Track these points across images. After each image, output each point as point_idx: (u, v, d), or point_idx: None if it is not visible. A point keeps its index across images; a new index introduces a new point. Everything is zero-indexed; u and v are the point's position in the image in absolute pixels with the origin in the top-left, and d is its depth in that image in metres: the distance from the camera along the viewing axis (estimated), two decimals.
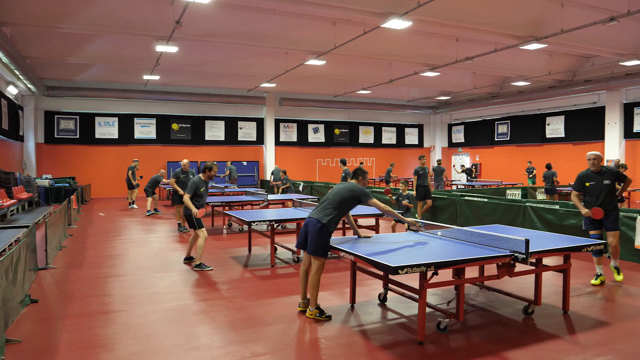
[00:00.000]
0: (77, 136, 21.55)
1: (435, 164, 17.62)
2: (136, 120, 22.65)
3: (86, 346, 4.42)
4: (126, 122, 22.44)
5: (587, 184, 6.58)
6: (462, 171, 23.77)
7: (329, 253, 5.09)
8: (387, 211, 5.38)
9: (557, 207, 9.47)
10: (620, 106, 19.25)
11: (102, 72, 19.15)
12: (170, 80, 20.56)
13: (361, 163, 26.36)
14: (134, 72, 19.03)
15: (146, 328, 4.87)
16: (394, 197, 10.46)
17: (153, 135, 23.00)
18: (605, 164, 16.74)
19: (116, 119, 22.26)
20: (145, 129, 22.86)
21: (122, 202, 19.11)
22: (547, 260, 5.73)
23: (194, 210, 7.39)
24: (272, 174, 19.08)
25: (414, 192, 12.02)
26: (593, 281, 6.58)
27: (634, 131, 19.07)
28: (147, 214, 14.58)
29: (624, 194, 13.13)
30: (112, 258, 8.34)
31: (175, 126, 23.42)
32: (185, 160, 11.37)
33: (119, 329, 4.84)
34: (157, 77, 19.19)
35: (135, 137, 22.63)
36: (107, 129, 22.13)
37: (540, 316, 5.22)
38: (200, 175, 7.61)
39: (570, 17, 12.17)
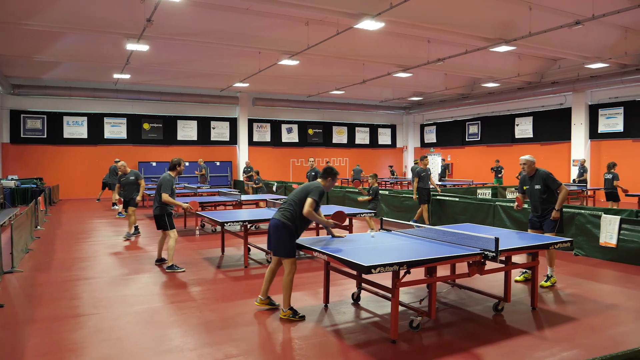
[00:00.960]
0: (45, 136, 20.98)
1: (413, 164, 17.86)
2: (106, 119, 22.19)
3: (55, 351, 4.31)
4: (96, 122, 21.97)
5: (524, 187, 6.68)
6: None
7: (302, 253, 5.10)
8: (314, 218, 5.10)
9: (525, 205, 9.69)
10: (586, 108, 19.84)
11: (71, 70, 18.69)
12: (142, 79, 20.23)
13: (327, 162, 26.43)
14: (104, 71, 18.63)
15: (117, 331, 4.79)
16: (367, 192, 10.41)
17: (124, 135, 22.59)
18: (578, 164, 17.31)
19: (85, 118, 21.76)
20: (115, 129, 22.43)
21: (92, 203, 18.71)
22: (516, 258, 5.87)
23: (184, 205, 7.38)
24: (244, 172, 18.98)
25: (414, 196, 11.52)
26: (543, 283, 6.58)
27: (599, 132, 19.70)
28: (119, 215, 14.29)
29: (620, 192, 13.24)
30: (82, 260, 8.16)
31: (146, 126, 23.05)
32: (121, 162, 10.80)
33: (89, 333, 4.74)
34: (127, 76, 18.85)
35: (105, 137, 22.17)
36: (76, 129, 21.62)
37: (509, 313, 5.34)
38: (169, 172, 7.47)
39: (538, 21, 12.49)
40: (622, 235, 7.85)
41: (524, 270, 6.72)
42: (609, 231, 7.97)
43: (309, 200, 5.04)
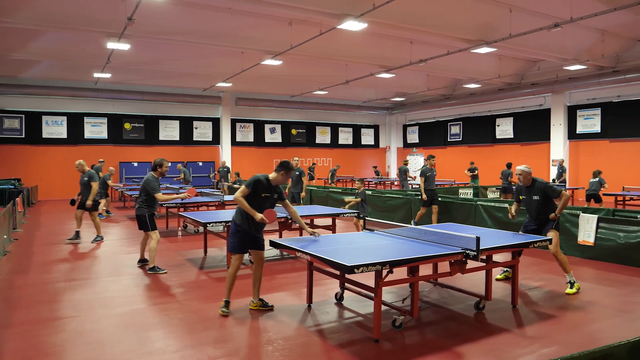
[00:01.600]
0: (23, 136, 20.58)
1: (403, 165, 17.99)
2: (86, 119, 21.87)
3: (33, 355, 4.24)
4: (76, 122, 21.63)
5: (520, 197, 6.46)
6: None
7: (285, 253, 5.11)
8: (240, 204, 5.20)
9: (506, 205, 9.84)
10: (565, 108, 20.20)
11: (50, 69, 18.37)
12: (123, 79, 19.98)
13: (313, 164, 26.44)
14: (84, 70, 18.35)
15: (98, 334, 4.73)
16: (355, 197, 10.36)
17: (104, 135, 22.28)
18: (557, 164, 17.60)
19: (65, 118, 21.41)
20: (96, 129, 22.12)
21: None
22: (497, 257, 5.95)
23: (182, 195, 7.36)
24: (218, 171, 18.71)
25: (424, 196, 11.06)
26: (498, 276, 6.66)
27: (577, 132, 20.07)
28: (99, 217, 14.06)
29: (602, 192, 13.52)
30: (61, 262, 8.03)
31: (127, 126, 22.78)
32: (78, 161, 10.08)
33: (69, 336, 4.67)
34: (108, 75, 18.61)
35: (85, 137, 21.84)
36: (55, 129, 21.26)
37: (490, 311, 5.41)
38: (152, 173, 7.39)
39: (518, 23, 12.68)
40: (600, 234, 8.02)
41: (505, 269, 6.80)
42: (587, 230, 8.13)
43: (241, 187, 5.24)
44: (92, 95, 21.24)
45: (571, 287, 6.13)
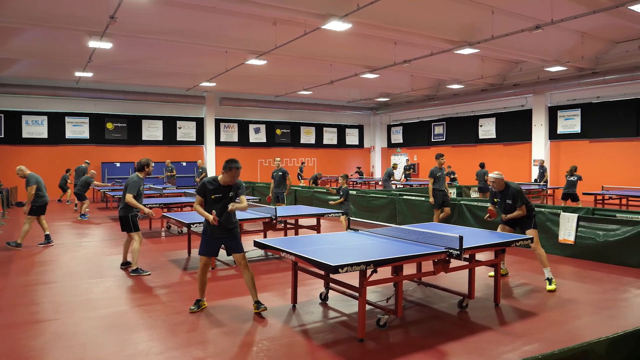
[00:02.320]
0: (2, 135, 20.20)
1: (391, 167, 18.08)
2: (67, 119, 21.54)
3: (13, 359, 4.16)
4: (57, 121, 21.29)
5: (495, 200, 6.72)
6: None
7: (270, 254, 5.10)
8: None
9: (488, 205, 9.94)
10: (546, 109, 20.50)
11: (30, 67, 18.07)
12: (105, 78, 19.74)
13: (303, 163, 26.46)
14: (65, 69, 18.08)
15: (79, 337, 4.66)
16: (337, 193, 10.35)
17: (86, 135, 21.98)
18: (538, 164, 17.86)
19: (45, 117, 21.06)
20: (77, 129, 21.80)
21: (53, 205, 18.12)
22: (480, 256, 6.01)
23: (147, 210, 7.15)
24: (198, 174, 18.36)
25: (431, 199, 10.50)
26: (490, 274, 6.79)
27: (558, 133, 20.38)
28: (80, 217, 13.89)
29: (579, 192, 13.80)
30: (42, 264, 7.90)
31: (110, 125, 22.50)
32: (18, 167, 9.40)
33: (49, 339, 4.60)
34: (90, 74, 18.35)
35: (66, 137, 21.51)
36: (35, 128, 20.90)
37: (473, 309, 5.47)
38: (137, 173, 7.30)
39: (501, 25, 12.83)
40: (580, 232, 8.16)
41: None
42: (567, 228, 8.26)
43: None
44: (73, 94, 20.93)
45: (550, 284, 6.29)
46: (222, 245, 5.44)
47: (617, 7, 10.49)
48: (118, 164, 22.39)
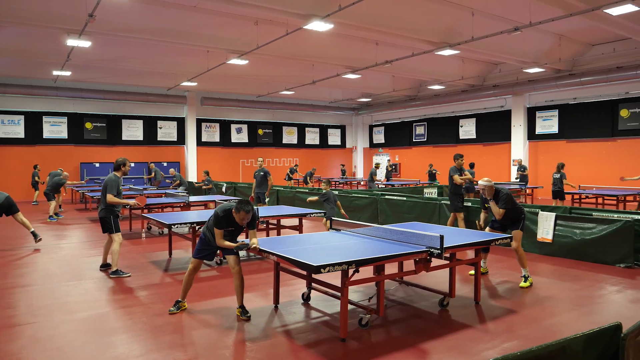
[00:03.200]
0: None
1: (374, 167, 18.15)
2: (45, 118, 21.15)
3: None
4: (34, 121, 20.89)
5: (486, 205, 6.76)
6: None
7: (252, 254, 5.08)
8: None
9: (469, 204, 10.06)
10: (524, 110, 20.82)
11: (5, 66, 17.68)
12: (83, 77, 19.42)
13: (296, 165, 26.31)
14: (42, 67, 17.73)
15: (57, 340, 4.58)
16: (319, 197, 10.30)
17: (64, 135, 21.61)
18: (517, 165, 18.11)
19: (22, 117, 20.65)
20: (55, 128, 21.42)
21: (29, 206, 17.78)
22: (460, 255, 6.08)
23: (132, 202, 7.19)
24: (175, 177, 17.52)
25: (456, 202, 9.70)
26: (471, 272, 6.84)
27: (536, 133, 20.73)
28: (49, 219, 13.57)
29: (569, 189, 14.00)
30: (18, 267, 7.74)
31: (89, 125, 22.16)
32: None
33: (26, 343, 4.51)
34: (68, 73, 18.04)
35: (44, 137, 21.13)
36: (11, 128, 20.47)
37: (454, 307, 5.53)
38: (115, 172, 7.21)
39: (480, 26, 13.00)
40: (557, 231, 8.31)
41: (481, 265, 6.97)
42: (546, 227, 8.41)
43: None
44: (51, 93, 20.56)
45: (525, 281, 6.45)
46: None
47: (593, 10, 10.72)
48: (97, 164, 22.06)
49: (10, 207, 9.39)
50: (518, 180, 17.76)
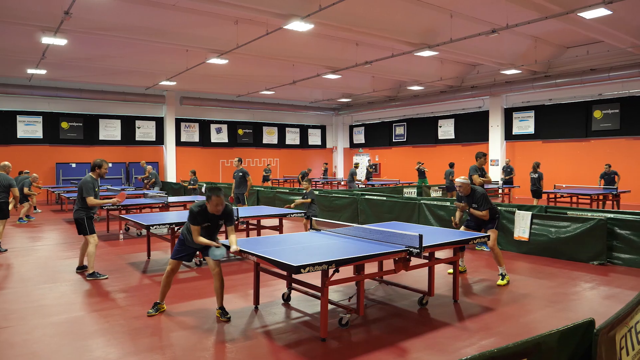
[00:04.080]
0: None
1: (353, 167, 18.18)
2: (19, 117, 20.68)
3: None
4: (7, 120, 20.40)
5: (462, 203, 6.84)
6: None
7: (232, 255, 5.05)
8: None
9: (447, 203, 10.18)
10: (502, 111, 21.15)
11: None
12: (59, 75, 19.05)
13: (268, 165, 26.27)
14: (16, 65, 17.31)
15: (32, 345, 4.49)
16: (303, 197, 10.23)
17: (39, 135, 21.16)
18: (505, 165, 18.33)
19: None
20: (30, 128, 20.96)
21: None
22: (439, 254, 6.15)
23: (112, 200, 7.14)
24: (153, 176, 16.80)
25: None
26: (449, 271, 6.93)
27: (513, 134, 21.08)
28: (19, 221, 13.24)
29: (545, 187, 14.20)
30: None
31: (65, 125, 21.74)
32: None
33: None
34: (43, 72, 17.66)
35: (18, 137, 20.65)
36: None
37: (433, 306, 5.59)
38: (91, 174, 7.08)
39: (459, 28, 13.15)
40: (534, 230, 8.46)
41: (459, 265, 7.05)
42: (522, 226, 8.55)
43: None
44: (25, 92, 20.11)
45: (502, 279, 6.56)
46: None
47: (568, 14, 10.94)
48: (74, 165, 21.67)
49: None
50: (503, 180, 17.82)
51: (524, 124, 20.70)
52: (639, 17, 13.22)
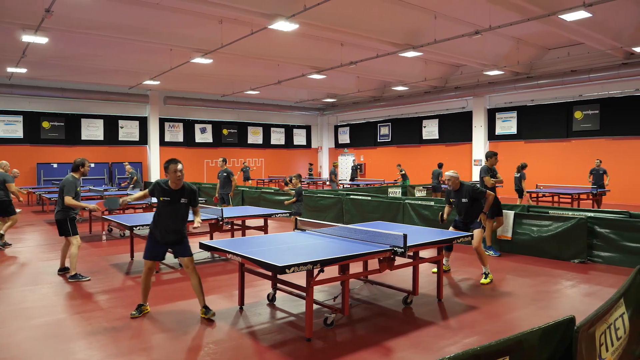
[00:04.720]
0: None
1: (333, 166, 18.22)
2: None
3: None
4: None
5: (451, 200, 6.92)
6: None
7: (217, 255, 5.03)
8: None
9: (432, 203, 10.26)
10: (485, 111, 21.39)
11: None
12: (40, 74, 18.75)
13: (244, 163, 26.18)
14: None
15: (13, 348, 4.41)
16: (291, 195, 10.19)
17: (20, 134, 20.82)
18: (477, 164, 18.55)
19: None
20: (10, 127, 20.60)
21: None
22: (423, 253, 6.19)
23: (92, 206, 6.93)
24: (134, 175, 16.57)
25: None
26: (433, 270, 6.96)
27: (496, 134, 21.32)
28: None
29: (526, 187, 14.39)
30: None
31: (46, 124, 21.41)
32: None
33: None
34: (23, 70, 17.38)
35: None
36: None
37: (418, 305, 5.62)
38: (73, 173, 6.97)
39: (443, 29, 13.26)
40: (516, 229, 8.57)
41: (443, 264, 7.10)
42: (505, 225, 8.65)
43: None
44: (5, 91, 19.78)
45: (485, 278, 6.64)
46: (169, 249, 5.30)
47: (549, 16, 11.10)
48: (55, 165, 21.35)
49: None
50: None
51: (507, 124, 20.95)
52: (618, 19, 13.48)
